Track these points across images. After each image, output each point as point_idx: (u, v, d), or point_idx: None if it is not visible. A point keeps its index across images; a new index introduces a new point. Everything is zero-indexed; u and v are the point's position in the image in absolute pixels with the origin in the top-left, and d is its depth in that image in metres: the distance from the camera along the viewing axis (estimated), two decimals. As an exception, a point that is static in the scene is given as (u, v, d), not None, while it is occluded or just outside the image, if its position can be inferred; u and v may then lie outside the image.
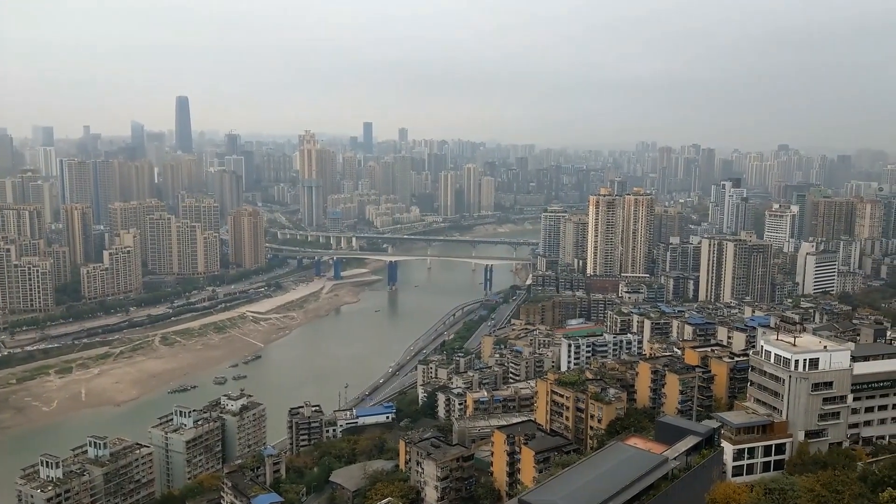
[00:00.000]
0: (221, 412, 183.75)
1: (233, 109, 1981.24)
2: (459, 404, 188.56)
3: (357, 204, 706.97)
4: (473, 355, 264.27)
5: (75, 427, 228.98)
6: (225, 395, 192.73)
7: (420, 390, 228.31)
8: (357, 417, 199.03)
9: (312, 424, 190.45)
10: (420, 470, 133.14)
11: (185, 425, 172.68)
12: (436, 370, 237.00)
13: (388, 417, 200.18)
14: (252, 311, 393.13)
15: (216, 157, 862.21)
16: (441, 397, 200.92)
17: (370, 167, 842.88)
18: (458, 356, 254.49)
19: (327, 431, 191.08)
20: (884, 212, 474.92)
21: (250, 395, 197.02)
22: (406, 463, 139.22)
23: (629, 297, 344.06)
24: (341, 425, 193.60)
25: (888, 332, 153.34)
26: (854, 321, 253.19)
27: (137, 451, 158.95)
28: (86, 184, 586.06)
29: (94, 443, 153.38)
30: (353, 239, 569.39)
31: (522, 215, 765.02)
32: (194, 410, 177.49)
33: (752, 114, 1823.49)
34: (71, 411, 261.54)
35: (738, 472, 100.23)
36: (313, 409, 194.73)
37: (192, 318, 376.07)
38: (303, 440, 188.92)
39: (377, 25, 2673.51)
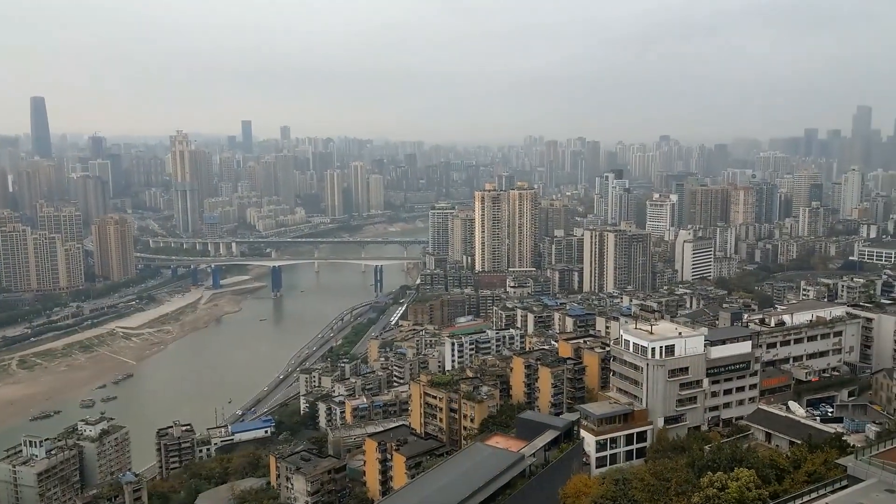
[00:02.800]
0: (79, 439, 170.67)
1: (98, 111, 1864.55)
2: (341, 413, 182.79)
3: (237, 207, 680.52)
4: (359, 360, 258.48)
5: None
6: (82, 420, 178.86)
7: (302, 400, 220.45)
8: (233, 434, 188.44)
9: (183, 445, 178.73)
10: (290, 486, 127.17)
11: (37, 456, 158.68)
12: (319, 378, 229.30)
13: (266, 432, 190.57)
14: (122, 327, 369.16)
15: (79, 162, 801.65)
16: (322, 406, 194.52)
17: (250, 168, 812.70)
18: (344, 362, 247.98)
19: (200, 451, 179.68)
20: (756, 198, 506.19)
21: (111, 419, 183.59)
22: (277, 479, 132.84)
23: (516, 292, 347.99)
24: (216, 444, 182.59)
25: (745, 316, 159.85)
26: (725, 305, 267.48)
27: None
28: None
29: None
30: (234, 244, 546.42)
31: (413, 213, 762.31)
32: (47, 439, 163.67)
33: (635, 106, 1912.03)
34: None
35: (601, 462, 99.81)
36: (184, 428, 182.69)
37: (54, 337, 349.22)
38: (173, 462, 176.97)
39: (255, 23, 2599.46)
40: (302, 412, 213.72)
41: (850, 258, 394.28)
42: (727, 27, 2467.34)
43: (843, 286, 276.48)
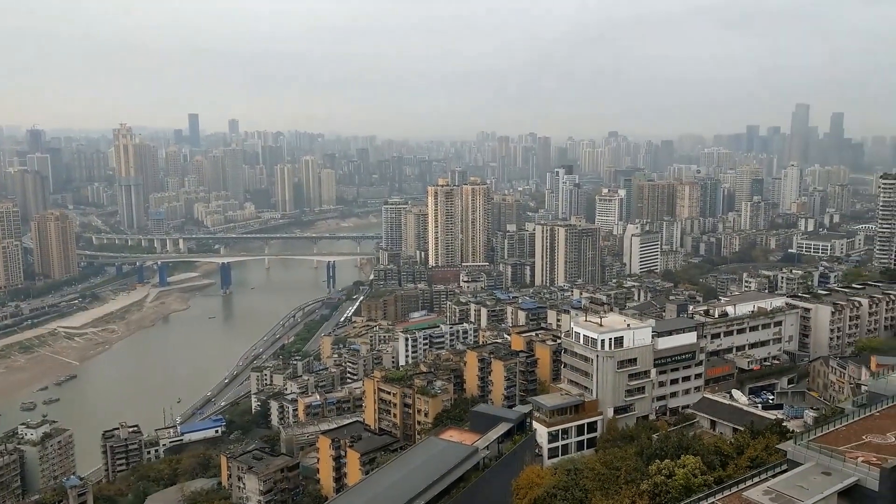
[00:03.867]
0: (19, 443, 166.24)
1: (36, 103, 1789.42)
2: (293, 410, 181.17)
3: (184, 202, 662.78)
4: (312, 357, 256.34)
5: None
6: (23, 424, 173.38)
7: (254, 399, 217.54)
8: (182, 435, 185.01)
9: (130, 447, 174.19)
10: (242, 485, 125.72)
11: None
12: (271, 376, 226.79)
13: (216, 431, 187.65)
14: (64, 327, 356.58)
15: (17, 156, 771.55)
16: (274, 405, 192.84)
17: (197, 162, 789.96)
18: (296, 360, 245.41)
19: (148, 453, 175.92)
20: (701, 193, 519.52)
21: (54, 421, 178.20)
22: (228, 479, 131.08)
23: (469, 287, 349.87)
24: (164, 445, 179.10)
25: (690, 308, 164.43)
26: (671, 297, 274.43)
27: None
28: None
29: None
30: (181, 241, 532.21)
31: (366, 208, 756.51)
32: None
33: (585, 103, 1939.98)
34: None
35: (553, 453, 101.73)
36: (131, 429, 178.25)
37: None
38: (120, 465, 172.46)
39: (201, 13, 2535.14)
40: (253, 411, 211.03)
41: (790, 251, 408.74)
42: (674, 26, 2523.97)
43: (782, 278, 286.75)
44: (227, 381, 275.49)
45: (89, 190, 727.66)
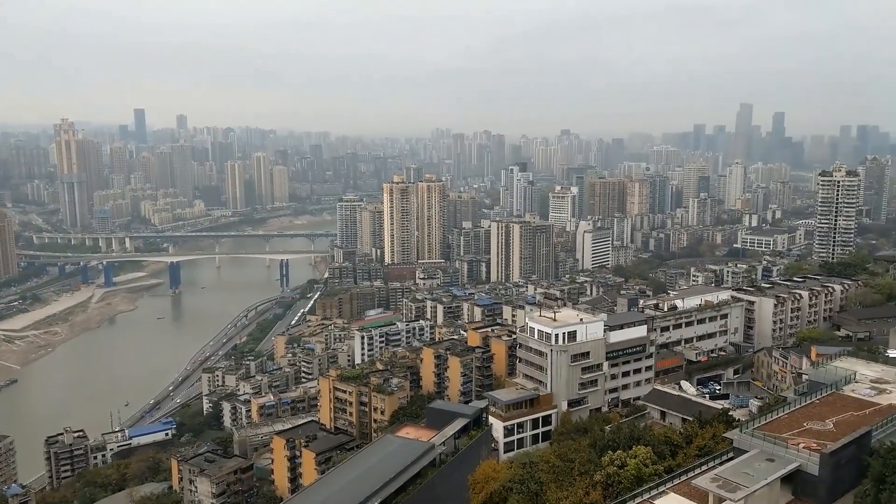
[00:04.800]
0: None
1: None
2: (246, 411, 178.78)
3: (130, 200, 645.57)
4: (265, 357, 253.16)
5: None
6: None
7: (205, 400, 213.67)
8: (130, 438, 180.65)
9: (76, 452, 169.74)
10: (194, 489, 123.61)
11: None
12: (223, 377, 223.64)
13: (166, 434, 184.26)
14: (4, 330, 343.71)
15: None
16: (227, 406, 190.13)
17: (144, 158, 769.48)
18: (249, 360, 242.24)
19: (95, 458, 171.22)
20: (650, 190, 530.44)
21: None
22: (179, 483, 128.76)
23: (425, 284, 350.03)
24: (112, 449, 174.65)
25: (641, 302, 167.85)
26: (622, 292, 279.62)
27: None
28: None
29: None
30: (127, 240, 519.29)
31: (320, 205, 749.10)
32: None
33: (537, 101, 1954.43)
34: None
35: (509, 447, 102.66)
36: (76, 434, 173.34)
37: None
38: (65, 471, 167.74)
39: (144, 2, 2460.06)
40: (205, 413, 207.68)
41: (735, 245, 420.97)
42: (623, 27, 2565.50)
43: (728, 272, 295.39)
44: (176, 383, 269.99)
45: (29, 188, 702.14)
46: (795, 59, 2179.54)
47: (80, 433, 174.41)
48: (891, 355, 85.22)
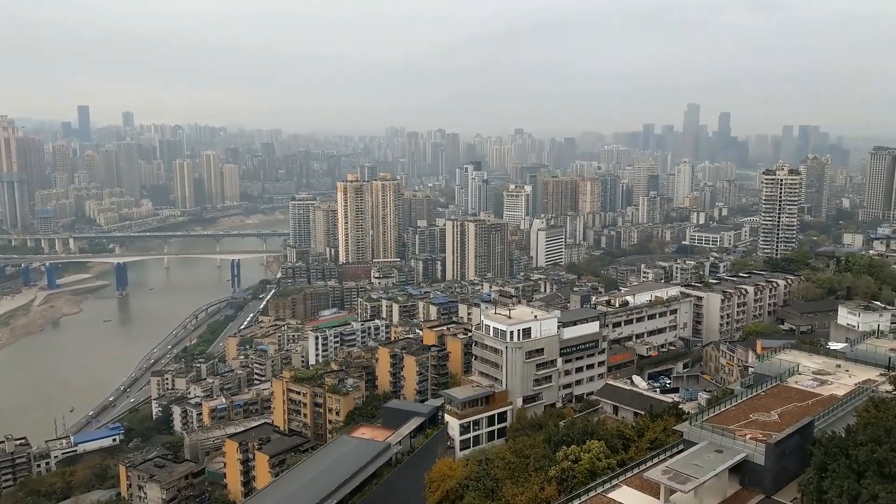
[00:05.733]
0: None
1: None
2: (198, 415, 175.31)
3: (74, 200, 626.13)
4: (217, 359, 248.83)
5: None
6: None
7: (154, 404, 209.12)
8: (76, 445, 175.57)
9: (17, 460, 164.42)
10: (143, 495, 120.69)
11: None
12: (173, 380, 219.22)
13: (114, 440, 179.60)
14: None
15: None
16: (177, 409, 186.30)
17: (88, 157, 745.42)
18: (200, 362, 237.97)
19: (38, 466, 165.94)
20: (602, 188, 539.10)
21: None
22: (128, 489, 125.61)
23: (380, 283, 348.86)
24: (56, 456, 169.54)
25: (593, 298, 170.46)
26: (575, 288, 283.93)
27: None
28: None
29: None
30: (71, 240, 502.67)
31: (272, 204, 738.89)
32: None
33: (491, 101, 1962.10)
34: None
35: (465, 445, 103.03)
36: (17, 442, 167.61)
37: None
38: (6, 481, 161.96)
39: None
40: (154, 417, 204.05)
41: (683, 242, 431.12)
42: (573, 27, 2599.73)
43: (677, 268, 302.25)
44: (124, 387, 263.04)
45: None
46: (740, 61, 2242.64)
47: (23, 441, 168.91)
48: (832, 347, 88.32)
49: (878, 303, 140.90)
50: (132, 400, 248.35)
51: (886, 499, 40.51)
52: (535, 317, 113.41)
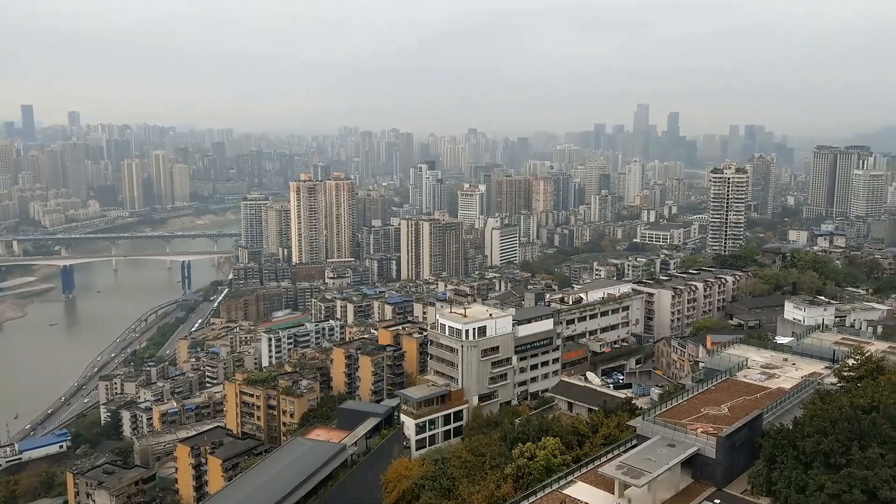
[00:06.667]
0: None
1: None
2: (148, 419, 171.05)
3: (17, 201, 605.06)
4: (167, 363, 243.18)
5: None
6: None
7: (103, 410, 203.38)
8: (20, 453, 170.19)
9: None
10: (91, 503, 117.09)
11: None
12: (122, 385, 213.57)
13: (61, 447, 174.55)
14: None
15: None
16: (126, 414, 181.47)
17: (33, 157, 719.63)
18: (150, 366, 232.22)
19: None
20: (554, 187, 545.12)
21: None
22: (76, 497, 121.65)
23: (335, 283, 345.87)
24: (0, 465, 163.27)
25: (547, 296, 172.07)
26: (529, 286, 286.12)
27: None
28: None
29: None
30: (15, 242, 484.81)
31: (224, 205, 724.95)
32: None
33: (445, 101, 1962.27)
34: None
35: (421, 444, 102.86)
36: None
37: None
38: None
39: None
40: (103, 422, 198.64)
41: (634, 240, 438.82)
42: (527, 28, 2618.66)
43: (628, 265, 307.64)
44: (71, 392, 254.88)
45: None
46: (686, 61, 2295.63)
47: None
48: (779, 342, 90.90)
49: (823, 297, 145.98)
50: (85, 401, 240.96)
51: (832, 488, 41.70)
52: (491, 315, 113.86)
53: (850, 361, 65.47)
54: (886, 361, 65.02)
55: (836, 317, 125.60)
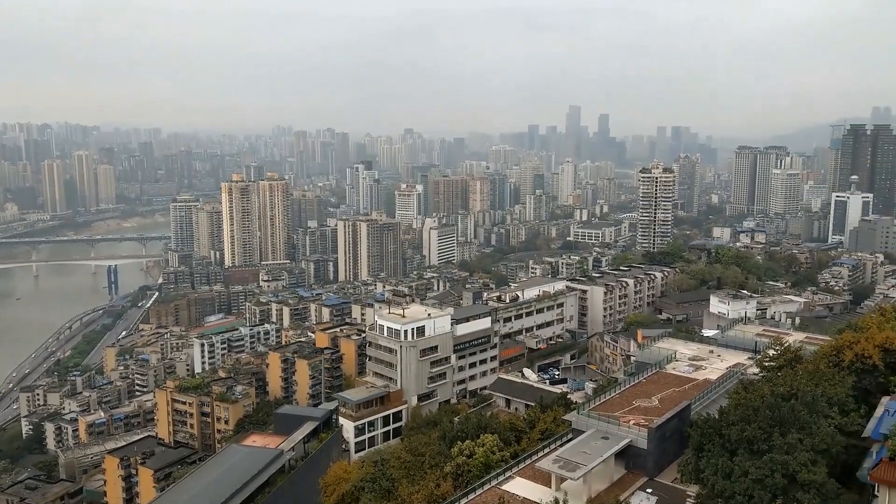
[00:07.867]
0: None
1: None
2: (73, 431, 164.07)
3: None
4: (93, 371, 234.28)
5: None
6: None
7: (24, 422, 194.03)
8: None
9: None
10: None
11: None
12: (45, 396, 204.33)
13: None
14: None
15: None
16: (50, 427, 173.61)
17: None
18: (74, 375, 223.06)
19: None
20: (491, 187, 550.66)
21: None
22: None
23: (269, 286, 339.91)
24: None
25: (485, 295, 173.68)
26: (467, 286, 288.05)
27: None
28: None
29: None
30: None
31: (152, 207, 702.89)
32: None
33: (380, 101, 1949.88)
34: None
35: (360, 446, 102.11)
36: None
37: None
38: None
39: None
40: (24, 436, 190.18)
41: (568, 239, 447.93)
42: (460, 30, 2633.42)
43: (562, 263, 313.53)
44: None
45: None
46: (615, 64, 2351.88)
47: None
48: (705, 334, 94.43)
49: (745, 292, 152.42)
50: (5, 414, 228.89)
51: (756, 474, 43.56)
52: (429, 315, 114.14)
53: (771, 352, 68.48)
54: (804, 351, 68.37)
55: (757, 310, 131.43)
